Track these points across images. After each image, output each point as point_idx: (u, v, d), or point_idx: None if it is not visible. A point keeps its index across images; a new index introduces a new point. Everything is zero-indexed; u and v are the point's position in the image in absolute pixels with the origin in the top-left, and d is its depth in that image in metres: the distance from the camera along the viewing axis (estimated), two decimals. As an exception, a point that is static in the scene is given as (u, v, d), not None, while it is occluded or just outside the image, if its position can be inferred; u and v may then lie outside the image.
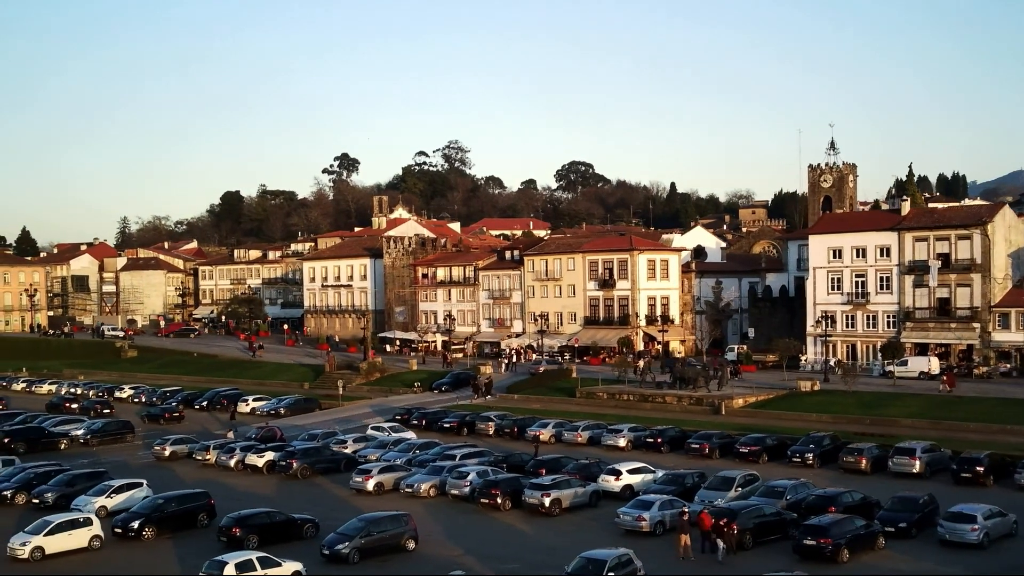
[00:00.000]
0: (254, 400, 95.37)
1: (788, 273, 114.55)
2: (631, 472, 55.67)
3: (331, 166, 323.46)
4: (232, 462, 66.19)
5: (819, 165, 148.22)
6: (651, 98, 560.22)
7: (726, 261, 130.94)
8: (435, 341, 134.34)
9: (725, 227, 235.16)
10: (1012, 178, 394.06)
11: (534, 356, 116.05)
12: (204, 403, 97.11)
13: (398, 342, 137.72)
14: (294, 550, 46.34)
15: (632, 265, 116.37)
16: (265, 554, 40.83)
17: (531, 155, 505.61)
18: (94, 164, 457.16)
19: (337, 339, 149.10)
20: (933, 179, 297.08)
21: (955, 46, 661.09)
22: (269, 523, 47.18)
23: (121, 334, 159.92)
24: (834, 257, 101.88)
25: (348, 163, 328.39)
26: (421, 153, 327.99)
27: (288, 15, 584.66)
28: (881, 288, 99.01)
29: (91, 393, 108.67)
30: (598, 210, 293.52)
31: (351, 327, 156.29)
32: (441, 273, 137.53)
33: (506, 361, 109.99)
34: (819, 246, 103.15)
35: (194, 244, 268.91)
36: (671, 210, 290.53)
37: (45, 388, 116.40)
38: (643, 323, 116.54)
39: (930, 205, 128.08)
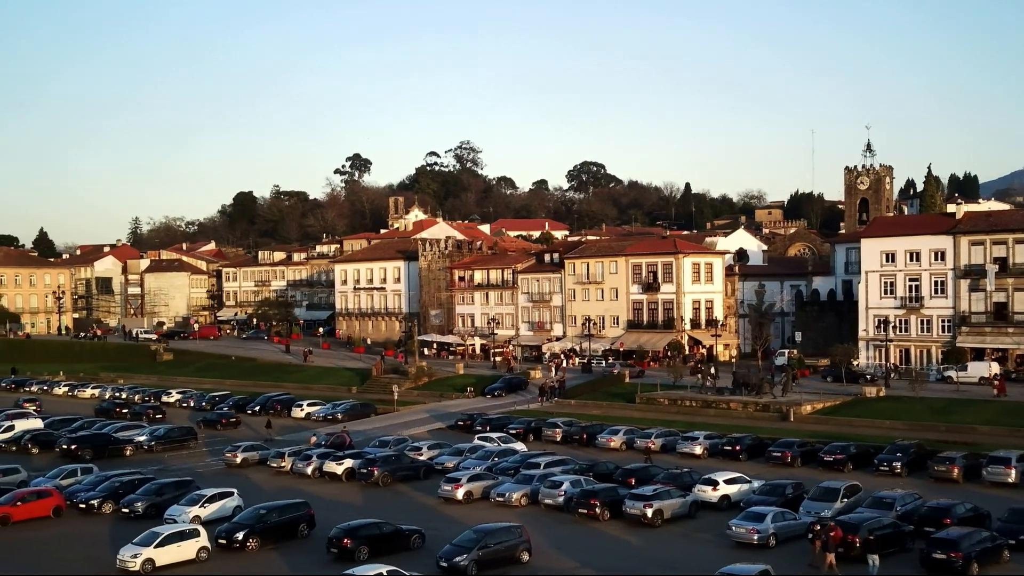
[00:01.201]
0: (308, 405, 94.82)
1: (835, 276, 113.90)
2: (728, 482, 55.10)
3: (343, 166, 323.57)
4: (309, 469, 65.71)
5: (855, 167, 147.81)
6: (660, 99, 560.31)
7: (767, 264, 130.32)
8: (474, 344, 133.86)
9: (743, 228, 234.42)
10: (1019, 176, 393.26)
11: (576, 361, 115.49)
12: (256, 408, 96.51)
13: (435, 345, 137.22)
14: (404, 561, 45.79)
15: (677, 268, 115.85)
16: (395, 568, 40.29)
17: (542, 155, 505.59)
18: (102, 165, 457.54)
19: (369, 341, 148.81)
20: (944, 179, 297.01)
21: (955, 47, 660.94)
22: (379, 534, 46.70)
23: (153, 337, 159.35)
24: (887, 261, 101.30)
25: (360, 163, 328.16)
26: (432, 154, 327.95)
27: (295, 15, 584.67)
28: (936, 292, 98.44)
29: (136, 398, 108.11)
30: (611, 211, 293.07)
31: (384, 330, 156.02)
32: (478, 276, 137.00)
33: (555, 365, 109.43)
34: (871, 250, 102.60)
35: (212, 245, 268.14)
36: (686, 211, 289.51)
37: (88, 392, 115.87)
38: (688, 327, 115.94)
39: (982, 208, 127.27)
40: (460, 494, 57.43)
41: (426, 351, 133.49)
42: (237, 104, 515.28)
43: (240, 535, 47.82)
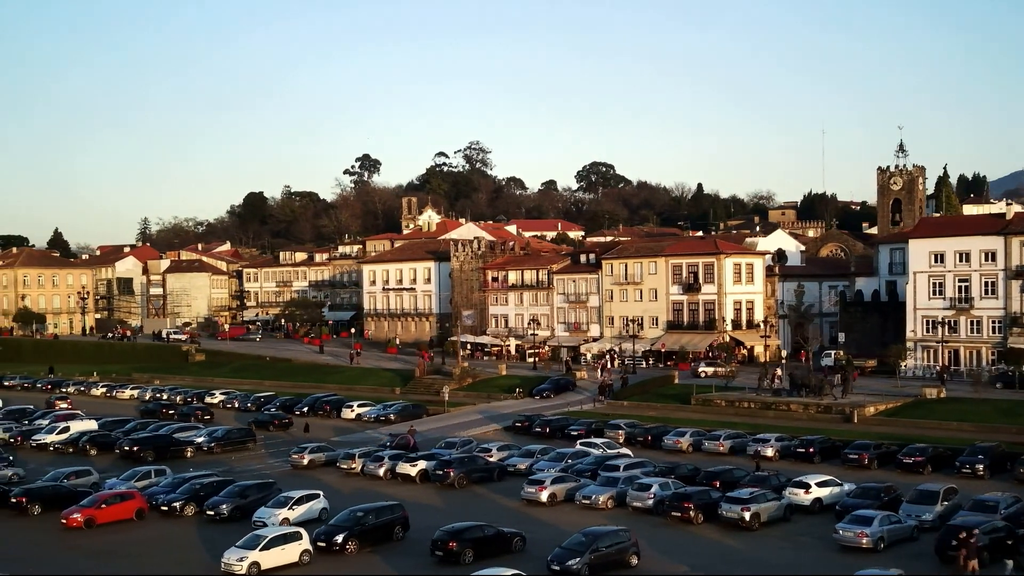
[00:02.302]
0: (359, 406, 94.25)
1: (879, 277, 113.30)
2: (819, 485, 54.59)
3: (353, 167, 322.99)
4: (381, 471, 65.23)
5: (888, 168, 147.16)
6: (668, 100, 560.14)
7: (805, 264, 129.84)
8: (509, 344, 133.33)
9: (757, 228, 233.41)
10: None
11: (616, 362, 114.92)
12: (304, 408, 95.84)
13: (469, 346, 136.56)
14: (508, 564, 45.40)
15: (719, 269, 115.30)
16: (518, 571, 39.81)
17: (551, 156, 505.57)
18: (110, 166, 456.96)
19: (398, 342, 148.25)
20: (953, 179, 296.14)
21: (957, 48, 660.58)
22: (482, 536, 46.23)
23: (183, 337, 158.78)
24: (936, 262, 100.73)
25: (370, 164, 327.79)
26: (441, 154, 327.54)
27: (301, 16, 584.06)
28: (986, 293, 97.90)
29: (178, 399, 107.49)
30: (622, 211, 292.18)
31: (414, 330, 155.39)
32: (512, 276, 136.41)
33: (601, 366, 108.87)
34: (920, 250, 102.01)
35: (227, 246, 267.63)
36: (698, 211, 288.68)
37: (127, 393, 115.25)
38: (729, 327, 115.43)
39: (996, 208, 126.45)
40: (544, 496, 56.95)
41: (461, 352, 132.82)
42: (243, 105, 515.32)
43: (339, 538, 47.33)
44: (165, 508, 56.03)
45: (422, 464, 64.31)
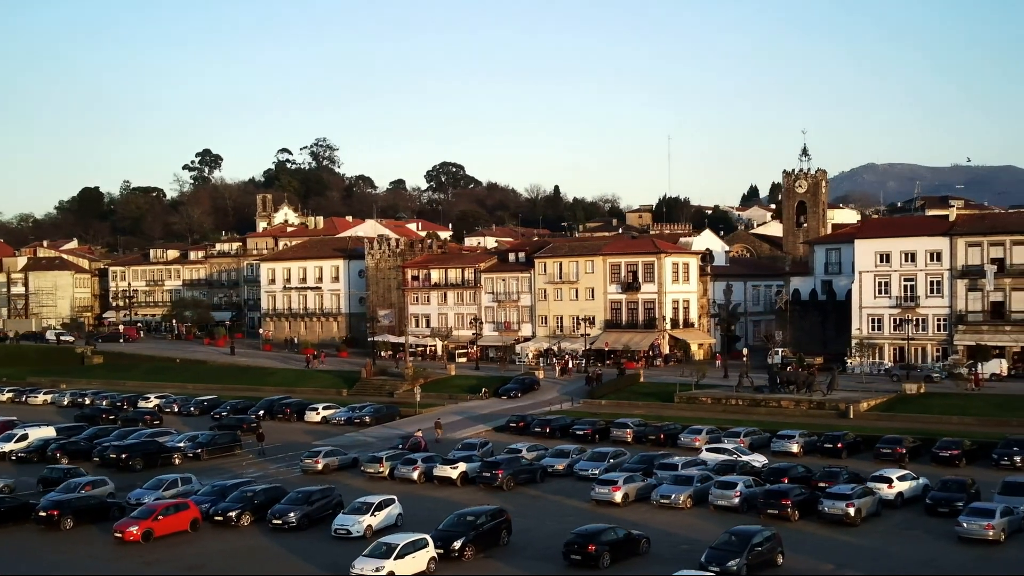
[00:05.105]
0: (324, 408, 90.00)
1: (815, 277, 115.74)
2: (900, 479, 54.63)
3: (193, 162, 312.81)
4: (415, 474, 62.04)
5: (793, 171, 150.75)
6: (517, 102, 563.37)
7: (729, 264, 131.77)
8: (434, 345, 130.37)
9: (621, 230, 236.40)
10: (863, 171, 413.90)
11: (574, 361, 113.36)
12: (260, 412, 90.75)
13: (390, 347, 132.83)
14: (641, 566, 43.79)
15: (659, 268, 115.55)
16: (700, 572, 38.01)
17: (398, 155, 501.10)
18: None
19: (297, 341, 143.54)
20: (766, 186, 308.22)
21: (795, 49, 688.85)
22: (615, 539, 44.17)
23: (71, 339, 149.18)
24: (881, 261, 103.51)
25: (211, 159, 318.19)
26: (285, 151, 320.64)
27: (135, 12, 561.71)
28: (932, 292, 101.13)
29: (104, 403, 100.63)
30: (481, 212, 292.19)
31: (319, 331, 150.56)
32: (436, 275, 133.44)
33: (560, 366, 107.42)
34: (866, 250, 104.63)
35: (75, 243, 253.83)
36: (555, 213, 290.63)
37: (41, 398, 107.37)
38: (668, 326, 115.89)
39: (981, 211, 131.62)
40: (618, 496, 55.15)
41: (383, 353, 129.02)
42: (66, 99, 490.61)
43: (457, 544, 44.47)
44: (220, 518, 51.50)
45: (462, 466, 61.47)
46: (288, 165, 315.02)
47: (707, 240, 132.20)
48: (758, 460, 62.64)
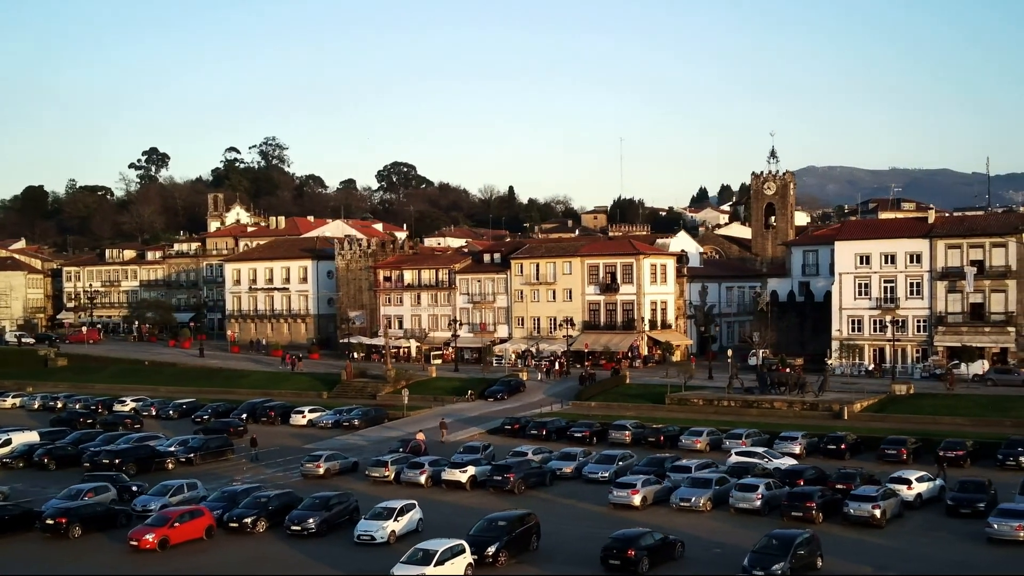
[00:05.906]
0: (310, 411, 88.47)
1: (792, 278, 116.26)
2: (918, 480, 54.64)
3: (139, 160, 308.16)
4: (422, 479, 61.04)
5: (762, 173, 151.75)
6: (469, 102, 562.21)
7: (703, 266, 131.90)
8: (409, 347, 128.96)
9: (577, 232, 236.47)
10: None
11: (534, 362, 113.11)
12: (243, 415, 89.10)
13: (363, 347, 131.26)
14: (677, 570, 43.31)
15: (638, 269, 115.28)
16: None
17: (348, 155, 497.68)
18: None
19: (264, 342, 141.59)
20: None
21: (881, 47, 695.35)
22: (653, 543, 43.55)
23: (32, 340, 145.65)
24: (862, 263, 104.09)
25: (158, 158, 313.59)
26: (233, 149, 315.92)
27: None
28: (911, 293, 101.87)
29: (77, 406, 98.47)
30: (436, 213, 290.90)
31: (287, 332, 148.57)
32: (408, 276, 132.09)
33: (545, 368, 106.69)
34: (846, 252, 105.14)
35: (23, 243, 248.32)
36: (510, 214, 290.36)
37: (9, 402, 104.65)
38: (647, 327, 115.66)
39: (956, 213, 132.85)
40: (637, 500, 54.59)
41: (355, 355, 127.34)
42: (5, 96, 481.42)
43: (492, 549, 43.60)
44: (235, 524, 50.09)
45: (471, 470, 60.55)
46: (237, 164, 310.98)
47: (682, 241, 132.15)
48: (783, 464, 61.97)
